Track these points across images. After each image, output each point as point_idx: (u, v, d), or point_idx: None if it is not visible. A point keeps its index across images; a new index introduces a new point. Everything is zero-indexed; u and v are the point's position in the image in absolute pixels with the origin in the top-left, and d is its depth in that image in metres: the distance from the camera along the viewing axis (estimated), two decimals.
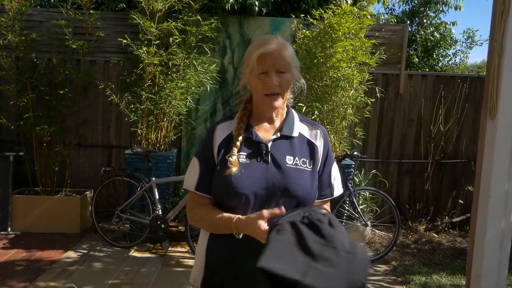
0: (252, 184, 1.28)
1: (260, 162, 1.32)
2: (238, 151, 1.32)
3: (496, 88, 2.13)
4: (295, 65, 1.35)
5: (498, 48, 2.12)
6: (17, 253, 3.89)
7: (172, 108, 4.42)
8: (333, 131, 4.40)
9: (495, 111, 2.14)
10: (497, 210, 2.18)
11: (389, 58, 5.02)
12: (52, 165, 4.62)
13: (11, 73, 4.44)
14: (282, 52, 1.30)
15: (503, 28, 2.10)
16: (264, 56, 1.29)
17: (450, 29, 7.29)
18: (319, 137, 1.41)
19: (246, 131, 1.35)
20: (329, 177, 1.42)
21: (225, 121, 1.41)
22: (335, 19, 4.18)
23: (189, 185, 1.39)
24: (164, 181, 4.17)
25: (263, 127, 1.38)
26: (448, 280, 3.65)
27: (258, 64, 1.30)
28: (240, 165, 1.30)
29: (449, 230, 5.00)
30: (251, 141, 1.34)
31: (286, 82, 1.32)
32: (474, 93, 5.22)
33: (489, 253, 2.21)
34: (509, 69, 2.12)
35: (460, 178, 5.24)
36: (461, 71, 7.59)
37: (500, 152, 2.15)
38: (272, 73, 1.29)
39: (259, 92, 1.33)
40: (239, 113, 1.39)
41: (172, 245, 4.22)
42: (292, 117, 1.41)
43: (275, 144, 1.35)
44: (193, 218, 1.40)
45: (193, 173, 1.38)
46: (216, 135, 1.37)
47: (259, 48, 1.29)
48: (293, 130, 1.38)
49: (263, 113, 1.38)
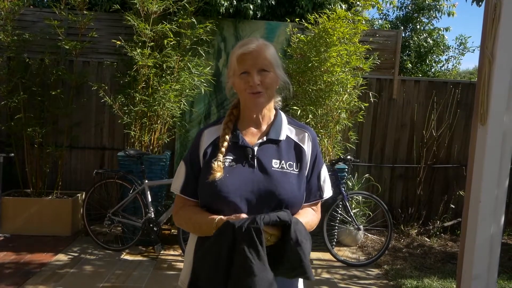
0: (238, 188, 1.28)
1: (246, 166, 1.32)
2: (225, 155, 1.32)
3: (487, 94, 2.15)
4: (277, 63, 1.36)
5: (489, 55, 2.14)
6: (6, 255, 3.84)
7: (166, 111, 4.40)
8: (326, 135, 4.42)
9: (486, 117, 2.16)
10: (487, 215, 2.20)
11: (383, 63, 5.06)
12: (44, 167, 4.58)
13: (2, 73, 4.40)
14: (262, 52, 1.32)
15: (493, 35, 2.12)
16: (244, 56, 1.31)
17: (443, 35, 7.37)
18: (307, 140, 1.41)
19: (233, 136, 1.35)
20: (318, 179, 1.42)
21: (213, 125, 1.42)
22: (329, 23, 4.21)
23: (175, 188, 1.40)
24: (157, 183, 4.15)
25: (250, 132, 1.38)
26: (439, 284, 3.67)
27: (239, 65, 1.32)
28: (225, 169, 1.30)
29: (441, 234, 5.04)
30: (237, 145, 1.35)
31: (270, 80, 1.33)
32: (466, 99, 5.28)
33: (479, 257, 2.22)
34: (499, 76, 2.14)
35: (452, 183, 5.29)
36: (454, 77, 7.68)
37: (490, 158, 2.17)
38: (254, 72, 1.31)
39: (242, 92, 1.34)
40: (225, 118, 1.40)
41: (164, 248, 4.19)
42: (280, 120, 1.42)
43: (262, 148, 1.35)
44: (179, 220, 1.41)
45: (179, 177, 1.40)
46: (203, 140, 1.38)
47: (240, 49, 1.32)
48: (280, 134, 1.38)
49: (249, 116, 1.39)
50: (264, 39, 1.41)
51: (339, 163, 4.17)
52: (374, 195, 4.28)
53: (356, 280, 3.76)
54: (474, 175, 2.25)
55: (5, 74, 4.41)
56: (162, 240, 4.18)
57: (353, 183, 4.87)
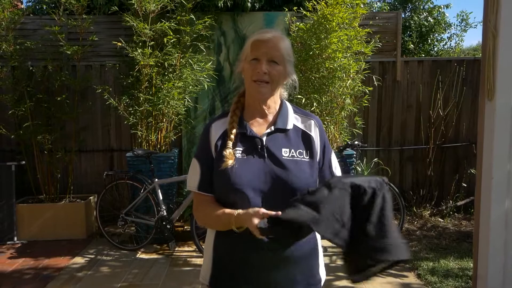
0: (251, 180, 1.28)
1: (256, 157, 1.32)
2: (234, 146, 1.32)
3: (493, 69, 2.13)
4: (289, 59, 1.36)
5: (493, 29, 2.11)
6: (25, 262, 3.91)
7: (170, 109, 4.42)
8: (332, 122, 4.40)
9: (493, 92, 2.14)
10: (500, 190, 2.19)
11: (385, 45, 5.01)
12: (55, 172, 4.63)
13: (7, 83, 4.44)
14: (277, 42, 1.32)
15: (496, 8, 2.09)
16: (259, 43, 1.31)
17: (443, 13, 7.26)
18: (314, 127, 1.41)
19: (240, 127, 1.35)
20: (330, 166, 1.42)
21: (220, 118, 1.42)
22: (328, 9, 4.17)
23: (192, 186, 1.39)
24: (167, 181, 4.18)
25: (256, 122, 1.38)
26: (455, 264, 3.66)
27: (252, 50, 1.32)
28: (237, 161, 1.30)
29: (454, 214, 5.01)
30: (246, 136, 1.35)
31: (277, 73, 1.32)
32: (471, 76, 5.21)
33: (495, 233, 2.21)
34: (504, 49, 2.11)
35: (462, 161, 5.24)
36: (457, 55, 7.56)
37: (499, 133, 2.15)
38: (264, 60, 1.31)
39: (248, 78, 1.34)
40: (232, 106, 1.40)
41: (178, 245, 4.23)
42: (286, 109, 1.41)
43: (270, 138, 1.35)
44: (199, 217, 1.41)
45: (194, 174, 1.39)
46: (212, 133, 1.38)
47: (256, 36, 1.33)
48: (287, 123, 1.38)
49: (254, 105, 1.39)
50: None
51: (347, 149, 4.15)
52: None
53: None
54: (485, 152, 2.23)
55: (11, 83, 4.45)
56: (176, 237, 4.22)
57: (362, 168, 4.86)
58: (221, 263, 1.35)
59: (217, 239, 1.37)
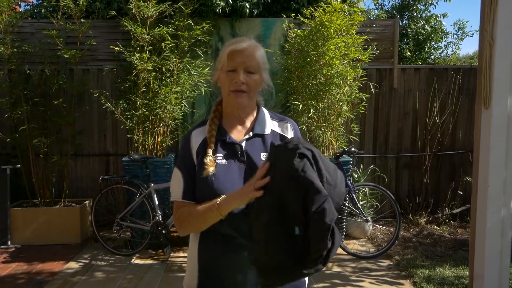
0: (233, 186, 1.29)
1: (238, 163, 1.34)
2: (214, 153, 1.34)
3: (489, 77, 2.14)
4: (264, 67, 1.38)
5: (489, 38, 2.13)
6: (18, 266, 3.87)
7: (167, 113, 4.41)
8: (329, 128, 4.41)
9: (489, 100, 2.15)
10: (496, 198, 2.19)
11: (382, 53, 5.04)
12: (50, 176, 4.60)
13: (4, 86, 4.42)
14: (252, 52, 1.34)
15: (492, 17, 2.11)
16: (235, 54, 1.33)
17: (440, 22, 7.32)
18: (290, 130, 1.45)
19: (220, 134, 1.37)
20: None
21: (199, 127, 1.43)
22: (325, 16, 4.20)
23: (175, 196, 1.38)
24: (163, 186, 4.16)
25: (235, 129, 1.40)
26: (451, 271, 3.66)
27: (228, 61, 1.34)
28: (218, 167, 1.31)
29: (450, 222, 5.02)
30: (225, 143, 1.36)
31: (254, 83, 1.35)
32: (467, 84, 5.25)
33: (491, 241, 2.21)
34: (500, 58, 2.13)
35: (458, 169, 5.26)
36: (454, 63, 7.62)
37: (496, 141, 2.16)
38: (241, 70, 1.33)
39: (226, 88, 1.36)
40: (211, 115, 1.42)
41: (174, 250, 4.21)
42: (263, 115, 1.44)
43: (249, 143, 1.38)
44: (180, 221, 1.37)
45: (177, 184, 1.38)
46: (192, 142, 1.39)
47: (231, 46, 1.34)
48: (265, 128, 1.41)
49: (232, 113, 1.40)
50: (261, 36, 1.43)
51: (344, 155, 4.16)
52: (381, 186, 4.27)
53: (368, 272, 3.76)
54: (481, 160, 2.24)
55: (7, 86, 4.44)
56: (171, 243, 4.19)
57: (358, 175, 4.86)
58: (208, 269, 1.35)
59: (201, 244, 1.36)
